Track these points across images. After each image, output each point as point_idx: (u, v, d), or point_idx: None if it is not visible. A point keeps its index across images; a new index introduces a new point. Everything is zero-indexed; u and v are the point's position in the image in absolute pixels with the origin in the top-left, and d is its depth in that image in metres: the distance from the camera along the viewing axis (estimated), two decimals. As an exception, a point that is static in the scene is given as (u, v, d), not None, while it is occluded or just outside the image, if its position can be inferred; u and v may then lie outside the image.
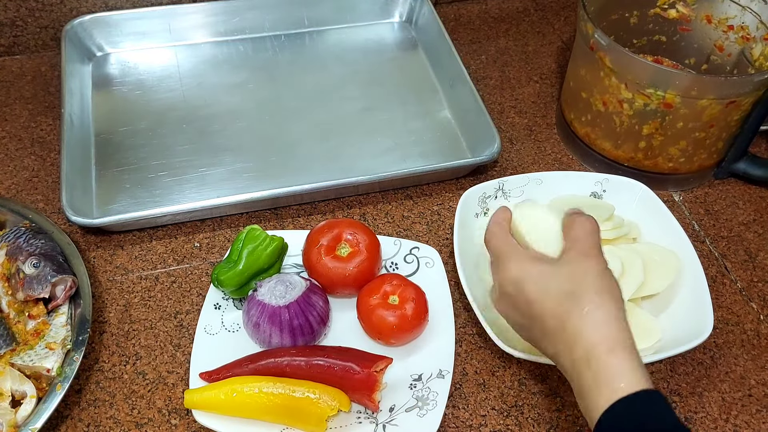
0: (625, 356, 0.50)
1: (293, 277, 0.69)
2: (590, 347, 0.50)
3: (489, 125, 0.87)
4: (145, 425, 0.66)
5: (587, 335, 0.51)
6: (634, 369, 0.49)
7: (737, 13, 0.88)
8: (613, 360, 0.49)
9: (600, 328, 0.51)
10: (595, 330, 0.51)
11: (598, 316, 0.51)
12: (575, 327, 0.52)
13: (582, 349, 0.51)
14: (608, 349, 0.50)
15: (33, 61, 1.00)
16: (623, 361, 0.49)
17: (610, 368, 0.49)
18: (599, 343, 0.50)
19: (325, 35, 1.05)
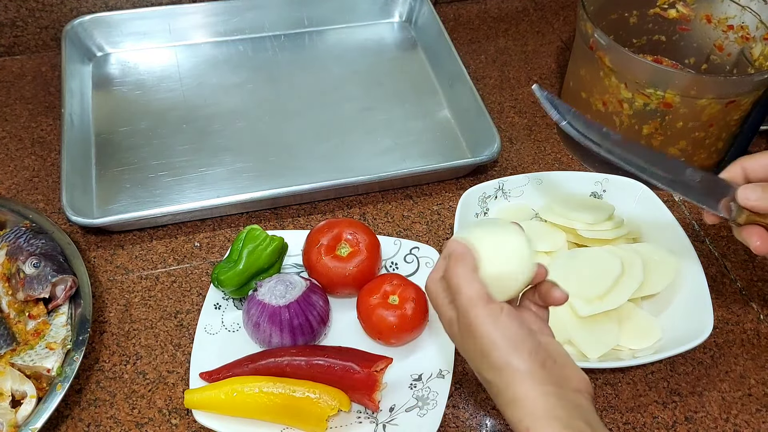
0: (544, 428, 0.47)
1: (293, 277, 0.70)
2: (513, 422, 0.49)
3: (489, 125, 0.87)
4: (146, 425, 0.67)
5: (505, 414, 0.49)
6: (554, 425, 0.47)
7: (737, 12, 0.89)
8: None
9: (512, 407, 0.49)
10: (509, 409, 0.49)
11: (509, 395, 0.49)
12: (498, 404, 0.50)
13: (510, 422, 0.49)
14: (525, 428, 0.47)
15: (33, 61, 1.00)
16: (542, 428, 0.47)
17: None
18: (517, 424, 0.48)
19: (325, 35, 1.05)
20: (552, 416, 0.47)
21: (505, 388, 0.49)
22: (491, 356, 0.49)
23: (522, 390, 0.48)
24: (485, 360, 0.50)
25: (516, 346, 0.49)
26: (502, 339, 0.49)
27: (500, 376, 0.49)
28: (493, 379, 0.49)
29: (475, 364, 0.51)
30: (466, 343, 0.51)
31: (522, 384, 0.48)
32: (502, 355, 0.49)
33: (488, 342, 0.49)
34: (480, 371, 0.51)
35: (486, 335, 0.49)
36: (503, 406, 0.49)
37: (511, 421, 0.49)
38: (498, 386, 0.49)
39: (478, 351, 0.50)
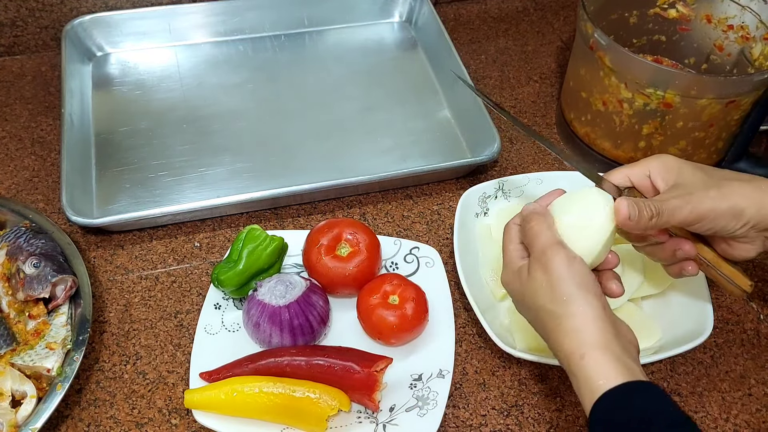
0: (598, 357, 0.51)
1: (293, 277, 0.70)
2: (567, 356, 0.53)
3: (489, 125, 0.87)
4: (146, 425, 0.67)
5: (562, 345, 0.53)
6: (611, 365, 0.50)
7: (737, 12, 0.88)
8: (587, 363, 0.51)
9: (572, 336, 0.53)
10: (568, 339, 0.53)
11: (570, 324, 0.53)
12: (554, 337, 0.54)
13: (562, 356, 0.53)
14: (580, 355, 0.51)
15: (33, 61, 1.00)
16: (597, 362, 0.51)
17: (586, 371, 0.51)
18: (573, 352, 0.52)
19: (325, 35, 1.05)
20: (607, 348, 0.51)
21: (568, 317, 0.53)
22: (560, 287, 0.54)
23: (583, 321, 0.52)
24: (553, 292, 0.54)
25: (586, 287, 0.54)
26: (574, 277, 0.54)
27: (565, 306, 0.53)
28: (556, 310, 0.54)
29: (538, 299, 0.55)
30: (533, 280, 0.56)
31: (584, 316, 0.52)
32: (572, 288, 0.53)
33: (561, 276, 0.54)
34: (543, 304, 0.54)
35: (559, 270, 0.54)
36: (561, 336, 0.53)
37: (567, 350, 0.52)
38: (560, 317, 0.53)
39: (547, 284, 0.54)
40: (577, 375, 0.52)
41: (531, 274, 0.56)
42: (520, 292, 0.58)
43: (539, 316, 0.56)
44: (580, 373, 0.51)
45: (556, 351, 0.55)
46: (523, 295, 0.57)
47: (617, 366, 0.50)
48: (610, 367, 0.50)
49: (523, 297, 0.57)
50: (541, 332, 0.57)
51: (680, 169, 0.59)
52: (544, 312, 0.55)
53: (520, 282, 0.57)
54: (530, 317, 0.58)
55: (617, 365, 0.50)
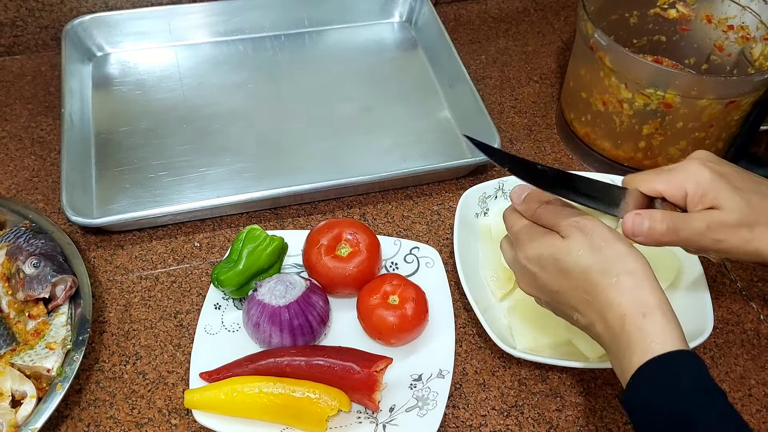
0: (658, 318, 0.50)
1: (293, 277, 0.69)
2: (623, 313, 0.51)
3: (489, 125, 0.87)
4: (145, 425, 0.66)
5: (619, 302, 0.51)
6: (668, 330, 0.50)
7: (737, 13, 0.88)
8: (646, 322, 0.50)
9: (631, 294, 0.51)
10: (626, 296, 0.51)
11: (628, 282, 0.52)
12: (606, 296, 0.52)
13: (615, 316, 0.51)
14: (641, 313, 0.50)
15: (33, 61, 1.00)
16: (657, 324, 0.50)
17: (644, 330, 0.50)
18: (632, 308, 0.51)
19: (325, 35, 1.05)
20: (668, 309, 0.51)
21: (626, 274, 0.52)
22: (612, 246, 0.53)
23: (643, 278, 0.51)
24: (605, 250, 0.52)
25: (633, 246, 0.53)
26: (621, 237, 0.54)
27: (623, 262, 0.52)
28: (612, 267, 0.52)
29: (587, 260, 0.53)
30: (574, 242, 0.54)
31: (643, 273, 0.52)
32: (624, 246, 0.53)
33: (609, 236, 0.53)
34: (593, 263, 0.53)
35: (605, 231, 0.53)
36: (618, 294, 0.51)
37: (625, 308, 0.51)
38: (618, 273, 0.52)
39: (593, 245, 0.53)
40: (631, 335, 0.50)
41: (568, 237, 0.54)
42: (553, 259, 0.54)
43: (587, 276, 0.53)
44: (636, 333, 0.50)
45: (604, 314, 0.52)
46: (556, 262, 0.54)
47: (677, 330, 0.50)
48: (672, 330, 0.50)
49: (558, 264, 0.54)
50: (580, 297, 0.54)
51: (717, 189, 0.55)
52: (593, 272, 0.52)
53: (554, 247, 0.55)
54: (563, 285, 0.55)
55: (677, 330, 0.50)
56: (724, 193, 0.55)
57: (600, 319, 0.53)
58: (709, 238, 0.55)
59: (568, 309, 0.56)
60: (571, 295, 0.54)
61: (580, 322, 0.55)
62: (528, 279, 0.58)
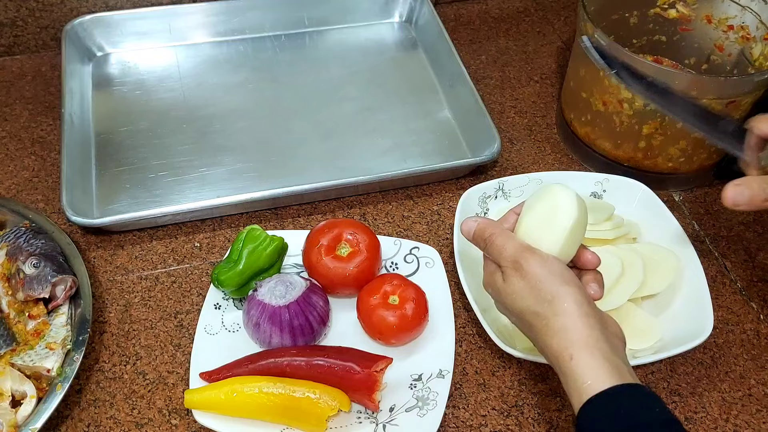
0: (585, 359, 0.51)
1: (293, 277, 0.69)
2: (556, 356, 0.53)
3: (489, 125, 0.87)
4: (145, 425, 0.66)
5: (551, 346, 0.53)
6: (597, 368, 0.50)
7: (737, 13, 0.88)
8: (574, 365, 0.51)
9: (559, 336, 0.53)
10: (556, 339, 0.53)
11: (557, 324, 0.53)
12: (541, 337, 0.54)
13: (551, 355, 0.54)
14: (569, 356, 0.52)
15: (33, 61, 1.00)
16: (585, 365, 0.51)
17: (574, 372, 0.51)
18: (561, 352, 0.52)
19: (325, 35, 1.05)
20: (596, 347, 0.51)
21: (554, 316, 0.53)
22: (542, 288, 0.54)
23: (570, 319, 0.52)
24: (536, 294, 0.54)
25: (566, 280, 0.54)
26: (553, 274, 0.54)
27: (550, 305, 0.53)
28: (541, 311, 0.53)
29: (522, 303, 0.55)
30: (511, 284, 0.56)
31: (571, 313, 0.52)
32: (554, 286, 0.54)
33: (539, 277, 0.54)
34: (528, 307, 0.54)
35: (536, 272, 0.54)
36: (549, 337, 0.53)
37: (556, 350, 0.52)
38: (547, 317, 0.53)
39: (526, 287, 0.55)
40: (566, 375, 0.52)
41: (507, 281, 0.57)
42: (499, 298, 0.59)
43: (524, 318, 0.56)
44: (569, 373, 0.52)
45: (544, 351, 0.55)
46: (503, 300, 0.58)
47: (606, 366, 0.50)
48: (599, 368, 0.50)
49: (504, 302, 0.58)
50: (527, 334, 0.57)
51: None
52: (528, 314, 0.55)
53: (498, 288, 0.58)
54: (514, 321, 0.59)
55: (606, 366, 0.50)
56: None
57: (543, 354, 0.56)
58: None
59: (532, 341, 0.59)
60: (521, 329, 0.58)
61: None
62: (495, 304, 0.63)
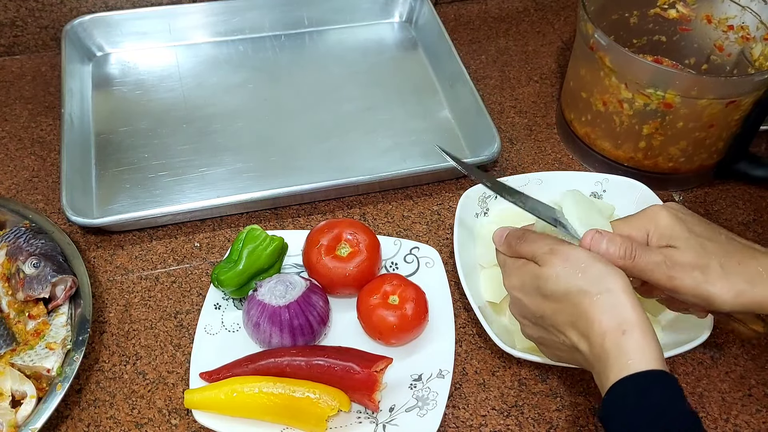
0: (636, 337, 0.51)
1: (293, 277, 0.69)
2: (604, 330, 0.52)
3: (489, 125, 0.87)
4: (145, 425, 0.66)
5: (600, 322, 0.53)
6: (646, 349, 0.51)
7: (737, 13, 0.88)
8: (625, 340, 0.51)
9: (611, 311, 0.53)
10: (607, 314, 0.53)
11: (608, 300, 0.53)
12: (587, 315, 0.54)
13: (597, 333, 0.53)
14: (621, 331, 0.52)
15: (33, 61, 1.00)
16: (635, 342, 0.51)
17: (622, 347, 0.51)
18: (612, 326, 0.52)
19: (325, 35, 1.05)
20: (647, 328, 0.52)
21: (606, 292, 0.53)
22: (590, 267, 0.54)
23: (624, 297, 0.53)
24: (583, 272, 0.54)
25: (611, 264, 0.55)
26: (595, 257, 0.55)
27: (601, 282, 0.54)
28: (592, 288, 0.54)
29: (565, 283, 0.55)
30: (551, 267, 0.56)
31: (622, 291, 0.53)
32: (601, 265, 0.54)
33: (585, 257, 0.55)
34: (574, 284, 0.54)
35: (581, 254, 0.55)
36: (599, 312, 0.53)
37: (605, 327, 0.52)
38: (598, 293, 0.53)
39: (572, 268, 0.55)
40: (610, 353, 0.52)
41: (545, 264, 0.56)
42: (534, 285, 0.57)
43: (568, 298, 0.55)
44: (615, 350, 0.51)
45: (586, 332, 0.54)
46: (540, 285, 0.57)
47: (655, 349, 0.51)
48: (647, 349, 0.51)
49: (542, 288, 0.56)
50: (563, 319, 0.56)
51: (676, 233, 0.58)
52: (573, 294, 0.54)
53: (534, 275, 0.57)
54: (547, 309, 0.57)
55: (655, 348, 0.51)
56: (680, 234, 0.58)
57: (583, 338, 0.54)
58: (663, 272, 0.56)
59: (554, 331, 0.58)
60: (555, 318, 0.57)
61: (566, 343, 0.57)
62: (515, 305, 0.61)
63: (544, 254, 0.57)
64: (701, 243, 0.57)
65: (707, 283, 0.56)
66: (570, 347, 0.57)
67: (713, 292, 0.56)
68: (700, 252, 0.57)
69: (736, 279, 0.56)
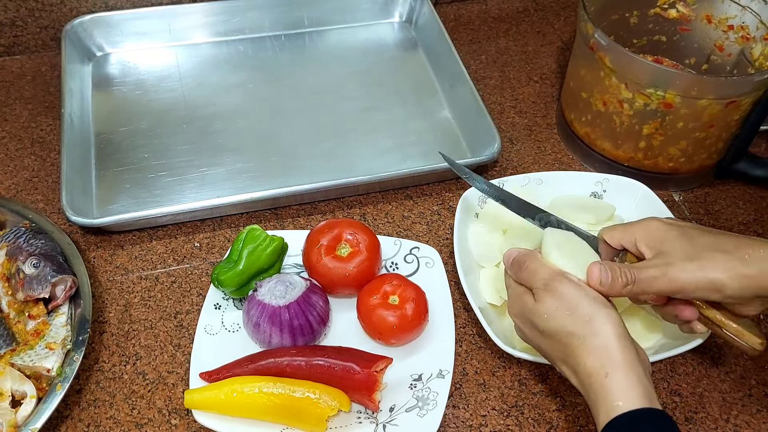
0: (619, 378, 0.52)
1: (293, 277, 0.69)
2: (590, 374, 0.54)
3: (489, 125, 0.87)
4: (145, 425, 0.66)
5: (585, 364, 0.54)
6: (631, 389, 0.52)
7: (737, 13, 0.88)
8: (609, 382, 0.52)
9: (596, 354, 0.54)
10: (591, 357, 0.54)
11: (594, 342, 0.54)
12: (574, 356, 0.55)
13: (583, 374, 0.54)
14: (604, 374, 0.53)
15: (33, 61, 1.00)
16: (619, 383, 0.52)
17: (607, 389, 0.52)
18: (597, 370, 0.53)
19: (325, 35, 1.05)
20: (631, 369, 0.52)
21: (591, 335, 0.54)
22: (579, 308, 0.55)
23: (608, 339, 0.53)
24: (572, 313, 0.55)
25: (603, 303, 0.56)
26: (588, 296, 0.56)
27: (588, 325, 0.54)
28: (578, 330, 0.55)
29: (555, 323, 0.56)
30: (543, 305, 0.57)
31: (609, 334, 0.54)
32: (591, 307, 0.55)
33: (576, 298, 0.56)
34: (563, 326, 0.55)
35: (572, 293, 0.56)
36: (584, 355, 0.54)
37: (590, 368, 0.53)
38: (584, 336, 0.54)
39: (561, 308, 0.56)
40: (597, 393, 0.53)
41: (539, 301, 0.58)
42: (529, 319, 0.59)
43: (557, 338, 0.56)
44: (601, 391, 0.52)
45: (575, 370, 0.55)
46: (534, 321, 0.58)
47: (639, 388, 0.52)
48: (632, 389, 0.52)
49: (535, 323, 0.58)
50: (556, 354, 0.57)
51: (665, 235, 0.59)
52: (562, 334, 0.56)
53: (529, 309, 0.59)
54: (542, 342, 0.58)
55: (639, 388, 0.52)
56: (671, 237, 0.58)
57: (573, 375, 0.56)
58: (664, 281, 0.57)
59: (551, 360, 0.59)
60: (550, 351, 0.58)
61: (563, 373, 0.58)
62: (518, 331, 0.63)
63: (538, 289, 0.58)
64: (690, 238, 0.58)
65: (703, 269, 0.56)
66: (566, 377, 0.58)
67: (713, 275, 0.55)
68: (689, 248, 0.57)
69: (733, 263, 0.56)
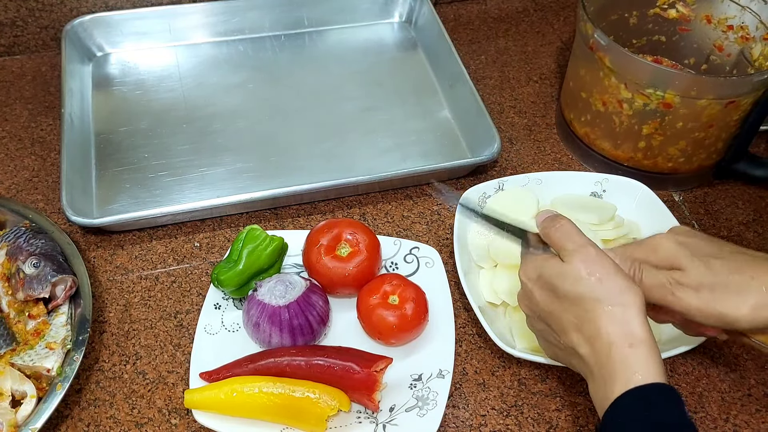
0: (642, 351, 0.52)
1: (293, 277, 0.70)
2: (611, 341, 0.53)
3: (489, 125, 0.87)
4: (145, 425, 0.67)
5: (608, 331, 0.53)
6: (651, 363, 0.52)
7: (737, 13, 0.89)
8: (632, 353, 0.52)
9: (621, 325, 0.53)
10: (616, 326, 0.53)
11: (621, 313, 0.53)
12: (596, 323, 0.54)
13: (603, 343, 0.53)
14: (628, 344, 0.52)
15: (33, 61, 1.00)
16: (641, 356, 0.52)
17: (628, 360, 0.52)
18: (620, 338, 0.52)
19: (325, 35, 1.05)
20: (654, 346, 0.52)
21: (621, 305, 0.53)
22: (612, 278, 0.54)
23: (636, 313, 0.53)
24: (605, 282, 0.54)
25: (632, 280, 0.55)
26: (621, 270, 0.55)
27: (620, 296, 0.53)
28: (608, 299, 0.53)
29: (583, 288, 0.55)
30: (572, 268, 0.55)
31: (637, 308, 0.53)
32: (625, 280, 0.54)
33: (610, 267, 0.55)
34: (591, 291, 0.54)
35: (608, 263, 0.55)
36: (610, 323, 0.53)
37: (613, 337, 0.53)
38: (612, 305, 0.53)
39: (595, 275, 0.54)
40: (616, 362, 0.52)
41: (569, 263, 0.56)
42: (551, 280, 0.57)
43: (580, 302, 0.54)
44: (622, 361, 0.52)
45: (591, 338, 0.54)
46: (551, 284, 0.56)
47: (660, 365, 0.52)
48: (654, 365, 0.52)
49: (559, 284, 0.56)
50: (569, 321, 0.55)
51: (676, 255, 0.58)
52: (587, 299, 0.54)
53: (553, 270, 0.57)
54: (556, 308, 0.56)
55: (660, 364, 0.52)
56: (684, 258, 0.57)
57: (587, 343, 0.55)
58: (670, 293, 0.57)
59: (557, 329, 0.58)
60: (562, 317, 0.56)
61: (566, 344, 0.57)
62: (525, 297, 0.61)
63: (572, 251, 0.56)
64: (706, 262, 0.57)
65: (716, 302, 0.55)
66: (568, 348, 0.57)
67: (724, 310, 0.55)
68: (706, 272, 0.56)
69: (750, 294, 0.55)
